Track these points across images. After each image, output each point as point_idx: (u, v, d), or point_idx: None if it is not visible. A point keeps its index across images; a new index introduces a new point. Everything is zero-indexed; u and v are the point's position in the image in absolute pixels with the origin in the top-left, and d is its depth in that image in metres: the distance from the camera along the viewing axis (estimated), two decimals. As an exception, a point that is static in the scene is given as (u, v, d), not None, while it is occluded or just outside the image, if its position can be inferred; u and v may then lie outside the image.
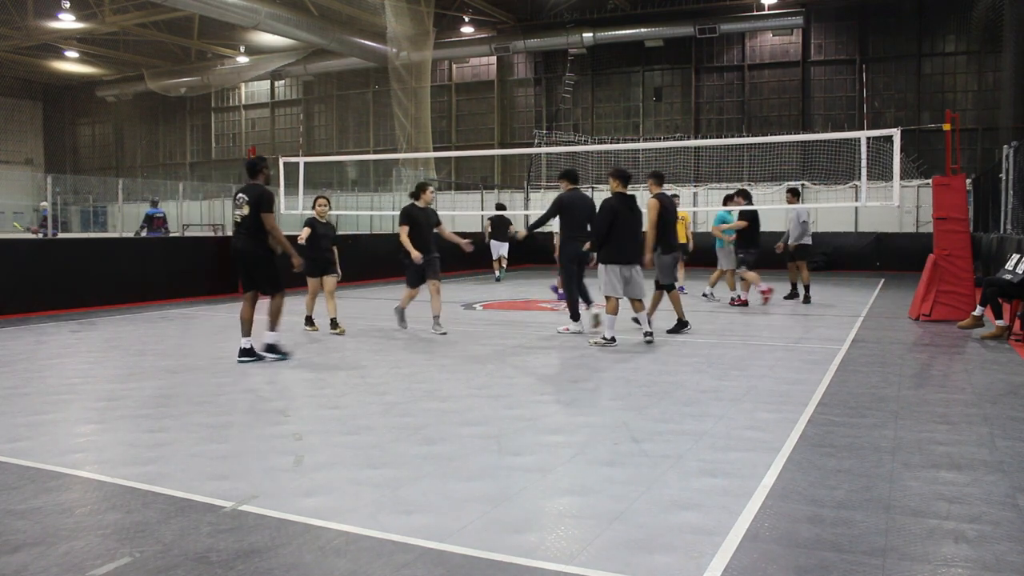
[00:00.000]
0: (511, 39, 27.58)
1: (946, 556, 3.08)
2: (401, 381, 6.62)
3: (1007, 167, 13.32)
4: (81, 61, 33.79)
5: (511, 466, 4.23)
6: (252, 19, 24.36)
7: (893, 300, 13.47)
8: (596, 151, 24.31)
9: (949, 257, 10.41)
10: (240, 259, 7.57)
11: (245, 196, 7.44)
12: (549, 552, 3.10)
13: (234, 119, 35.99)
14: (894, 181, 10.70)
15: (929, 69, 24.05)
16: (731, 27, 24.96)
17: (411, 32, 25.07)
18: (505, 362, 7.57)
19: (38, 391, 6.18)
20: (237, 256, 7.60)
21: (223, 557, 3.06)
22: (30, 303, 11.47)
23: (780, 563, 3.01)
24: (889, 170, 12.45)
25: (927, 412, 5.43)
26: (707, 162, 24.91)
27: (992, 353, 7.94)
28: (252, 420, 5.35)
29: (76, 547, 3.16)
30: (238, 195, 7.53)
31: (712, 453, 4.46)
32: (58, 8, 24.86)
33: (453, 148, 29.01)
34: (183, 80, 33.50)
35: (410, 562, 3.02)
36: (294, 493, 3.81)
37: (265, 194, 7.49)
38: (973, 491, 3.81)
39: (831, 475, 4.05)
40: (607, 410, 5.55)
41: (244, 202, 7.43)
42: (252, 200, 7.40)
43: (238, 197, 7.50)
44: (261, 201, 7.39)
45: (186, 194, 26.25)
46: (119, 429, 5.09)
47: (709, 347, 8.39)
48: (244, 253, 7.50)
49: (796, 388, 6.22)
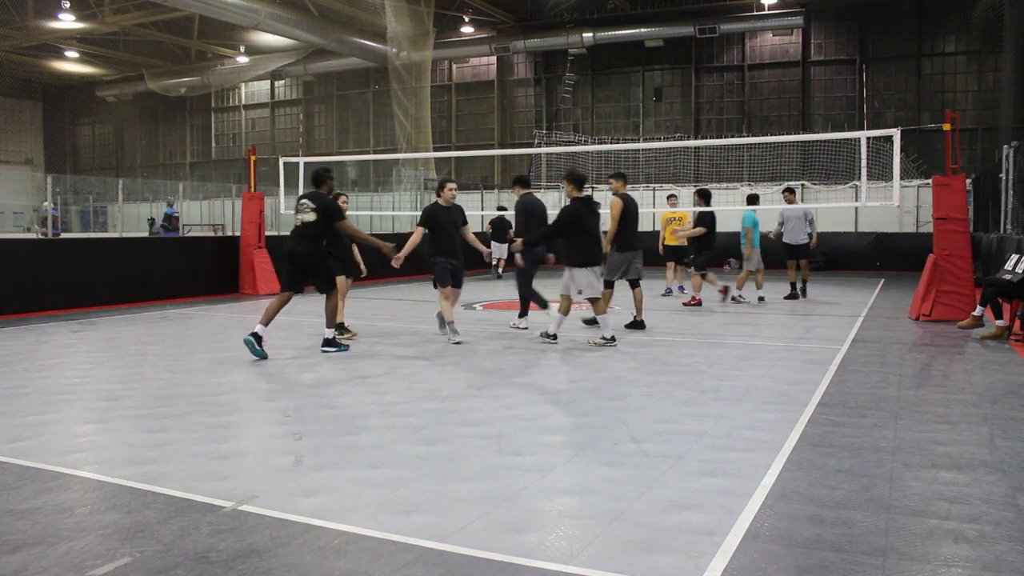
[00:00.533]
0: (511, 39, 27.59)
1: (946, 556, 3.08)
2: (401, 381, 6.62)
3: (1007, 167, 13.32)
4: (81, 61, 33.80)
5: (511, 466, 4.23)
6: (252, 19, 24.36)
7: (893, 300, 13.47)
8: (596, 151, 24.32)
9: (949, 257, 10.40)
10: (298, 260, 7.93)
11: (311, 203, 7.89)
12: (549, 552, 3.10)
13: (234, 119, 36.00)
14: (894, 181, 10.70)
15: (929, 69, 24.06)
16: (731, 27, 24.97)
17: (411, 32, 25.08)
18: (505, 362, 7.57)
19: (38, 391, 6.18)
20: (295, 257, 7.94)
21: (223, 557, 3.06)
22: (30, 303, 11.47)
23: (780, 563, 3.01)
24: (889, 170, 12.46)
25: (927, 412, 5.43)
26: (707, 162, 24.92)
27: (992, 353, 7.94)
28: (252, 420, 5.35)
29: (76, 547, 3.16)
30: (302, 200, 7.98)
31: (712, 453, 4.46)
32: (58, 8, 24.86)
33: (453, 148, 29.02)
34: (183, 80, 33.50)
35: (410, 562, 3.02)
36: (294, 493, 3.81)
37: (333, 205, 8.03)
38: (973, 491, 3.81)
39: (831, 475, 4.05)
40: (607, 410, 5.54)
41: (310, 208, 7.86)
42: (319, 208, 7.85)
43: (302, 203, 7.95)
44: (331, 211, 7.93)
45: (186, 194, 26.27)
46: (119, 429, 5.09)
47: (709, 347, 8.39)
48: (304, 255, 7.90)
49: (796, 388, 6.22)
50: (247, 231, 15.00)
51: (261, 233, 15.12)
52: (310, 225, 7.87)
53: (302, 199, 8.01)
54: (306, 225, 7.88)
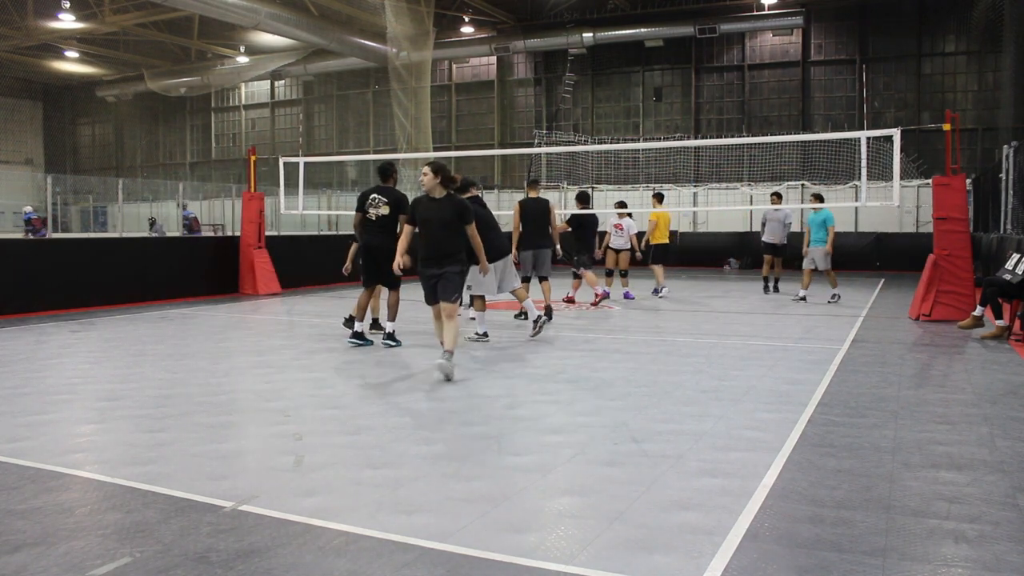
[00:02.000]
0: (511, 39, 27.58)
1: (946, 556, 3.08)
2: (401, 381, 6.62)
3: (1007, 167, 13.32)
4: (81, 61, 33.79)
5: (511, 466, 4.23)
6: (252, 19, 24.35)
7: (893, 300, 13.47)
8: (596, 151, 24.32)
9: (949, 257, 10.40)
10: (375, 253, 8.24)
11: (383, 197, 8.26)
12: (549, 552, 3.10)
13: (234, 119, 35.99)
14: (894, 181, 10.70)
15: (929, 69, 24.05)
16: (731, 27, 24.96)
17: (411, 32, 25.06)
18: (505, 362, 7.57)
19: (38, 391, 6.18)
20: (373, 250, 8.28)
21: (223, 557, 3.06)
22: (30, 303, 11.47)
23: (780, 563, 3.01)
24: (889, 170, 12.46)
25: (927, 412, 5.43)
26: (707, 162, 24.91)
27: (992, 353, 7.94)
28: (252, 420, 5.35)
29: (76, 547, 3.16)
30: (372, 196, 8.30)
31: (712, 453, 4.45)
32: (58, 8, 24.85)
33: (453, 148, 29.01)
34: (183, 80, 33.49)
35: (410, 562, 3.02)
36: (294, 493, 3.81)
37: (403, 198, 8.34)
38: (973, 491, 3.81)
39: (831, 475, 4.05)
40: (607, 410, 5.54)
41: (383, 203, 8.23)
42: (392, 202, 8.24)
43: (373, 198, 8.27)
44: (401, 205, 8.20)
45: (186, 194, 26.26)
46: (119, 429, 5.09)
47: (709, 347, 8.39)
48: (380, 249, 8.16)
49: (796, 388, 6.22)
50: (247, 231, 15.01)
51: (261, 233, 15.12)
52: (384, 219, 8.22)
53: (372, 194, 8.31)
54: (381, 219, 8.23)
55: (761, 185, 23.07)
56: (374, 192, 8.37)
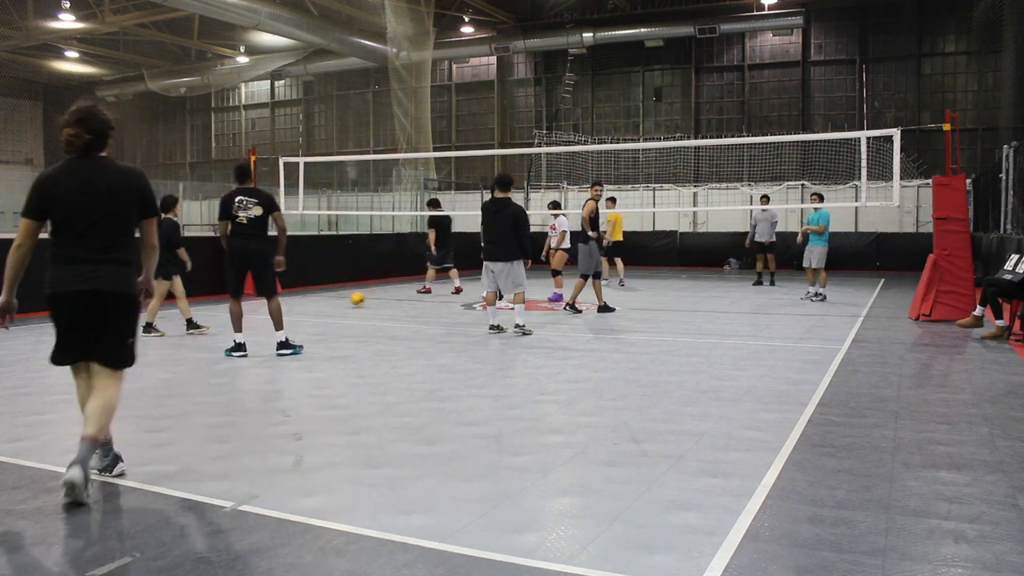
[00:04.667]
0: (511, 39, 27.56)
1: (946, 556, 3.08)
2: (401, 381, 6.62)
3: (1007, 167, 13.32)
4: (81, 61, 33.77)
5: (511, 466, 4.23)
6: (252, 19, 24.34)
7: (893, 300, 13.48)
8: (596, 151, 24.32)
9: (949, 257, 10.41)
10: (251, 258, 7.86)
11: (252, 198, 7.75)
12: (549, 552, 3.10)
13: (234, 119, 35.98)
14: (894, 181, 10.70)
15: (929, 69, 24.04)
16: (731, 27, 24.94)
17: (411, 32, 25.06)
18: (505, 362, 7.57)
19: (38, 391, 6.18)
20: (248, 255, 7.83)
21: (223, 557, 3.06)
22: (31, 303, 11.42)
23: (780, 563, 3.01)
24: (889, 170, 12.47)
25: (927, 412, 5.43)
26: (707, 162, 24.90)
27: (992, 353, 7.94)
28: (252, 420, 5.35)
29: (76, 547, 3.16)
30: (238, 198, 7.74)
31: (712, 453, 4.45)
32: (58, 8, 24.84)
33: (453, 148, 28.99)
34: (183, 80, 33.47)
35: (410, 562, 3.02)
36: (294, 493, 3.81)
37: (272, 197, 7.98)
38: (973, 491, 3.81)
39: (831, 475, 4.05)
40: (607, 410, 5.54)
41: (253, 203, 7.71)
42: (263, 202, 7.74)
43: (240, 200, 7.73)
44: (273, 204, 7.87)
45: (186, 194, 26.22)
46: (119, 429, 5.07)
47: (709, 347, 8.39)
48: (257, 254, 7.81)
49: (796, 388, 6.22)
50: (247, 231, 14.97)
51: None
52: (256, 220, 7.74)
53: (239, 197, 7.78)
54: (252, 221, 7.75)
55: (761, 185, 23.07)
56: (239, 195, 7.73)
